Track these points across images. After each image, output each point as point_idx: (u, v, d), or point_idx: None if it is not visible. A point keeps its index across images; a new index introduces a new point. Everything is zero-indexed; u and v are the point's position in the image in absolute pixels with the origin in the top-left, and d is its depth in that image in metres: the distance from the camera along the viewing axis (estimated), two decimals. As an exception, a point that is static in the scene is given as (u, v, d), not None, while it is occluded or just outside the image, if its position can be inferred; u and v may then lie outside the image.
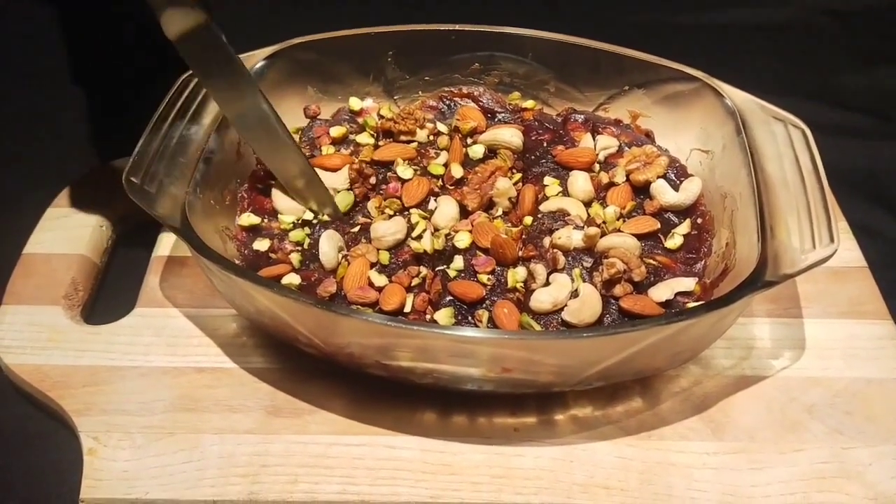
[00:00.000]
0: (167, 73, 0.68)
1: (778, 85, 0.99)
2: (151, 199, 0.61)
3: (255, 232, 0.69)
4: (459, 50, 0.78)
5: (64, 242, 0.75)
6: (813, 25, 1.11)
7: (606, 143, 0.74)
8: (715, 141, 0.71)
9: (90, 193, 0.79)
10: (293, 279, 0.64)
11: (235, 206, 0.70)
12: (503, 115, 0.79)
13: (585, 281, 0.63)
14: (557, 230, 0.65)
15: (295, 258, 0.66)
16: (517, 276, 0.63)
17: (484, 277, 0.63)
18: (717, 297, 0.57)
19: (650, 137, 0.76)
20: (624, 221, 0.68)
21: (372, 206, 0.69)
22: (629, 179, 0.71)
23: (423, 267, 0.64)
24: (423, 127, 0.75)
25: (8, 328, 0.68)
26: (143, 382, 0.64)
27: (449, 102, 0.80)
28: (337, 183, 0.70)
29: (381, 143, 0.75)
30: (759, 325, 0.69)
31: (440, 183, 0.71)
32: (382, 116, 0.77)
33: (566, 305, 0.61)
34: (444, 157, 0.73)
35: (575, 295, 0.61)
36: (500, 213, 0.68)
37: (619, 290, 0.62)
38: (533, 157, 0.74)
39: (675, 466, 0.60)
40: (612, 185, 0.71)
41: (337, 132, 0.74)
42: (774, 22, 1.12)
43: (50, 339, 0.67)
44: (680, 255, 0.67)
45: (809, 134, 0.66)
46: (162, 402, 0.63)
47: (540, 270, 0.63)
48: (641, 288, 0.63)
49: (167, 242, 0.75)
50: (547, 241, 0.65)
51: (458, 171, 0.71)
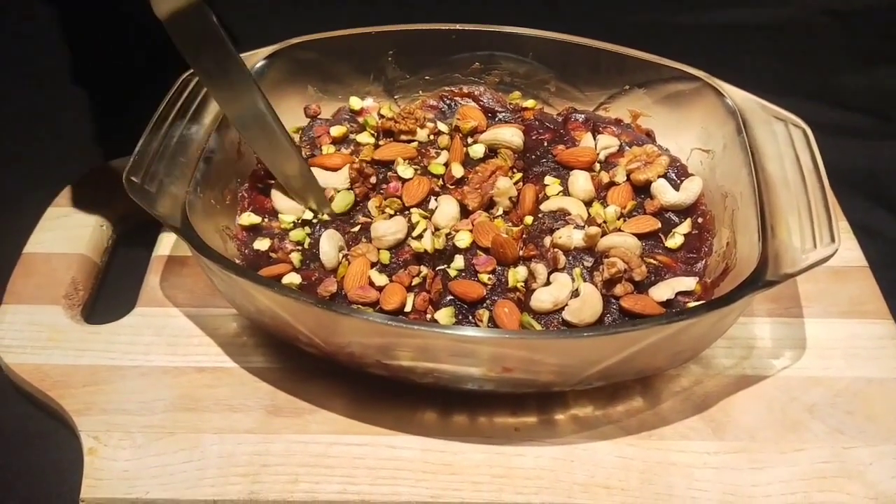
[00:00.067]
0: (167, 73, 0.68)
1: (778, 85, 0.99)
2: (152, 198, 0.61)
3: (255, 231, 0.69)
4: (460, 49, 0.78)
5: (64, 242, 0.74)
6: (813, 25, 1.11)
7: (607, 142, 0.74)
8: (716, 140, 0.71)
9: (90, 193, 0.79)
10: (294, 279, 0.64)
11: (236, 205, 0.70)
12: (504, 114, 0.78)
13: (586, 280, 0.63)
14: (558, 230, 0.65)
15: (295, 258, 0.66)
16: (518, 275, 0.63)
17: (484, 277, 0.63)
18: (717, 296, 0.57)
19: (651, 137, 0.76)
20: (624, 221, 0.68)
21: (372, 205, 0.69)
22: (630, 179, 0.70)
23: (423, 266, 0.64)
24: (423, 126, 0.75)
25: (8, 328, 0.68)
26: (143, 382, 0.64)
27: (449, 102, 0.80)
28: (337, 182, 0.70)
29: (381, 142, 0.75)
30: (759, 324, 0.69)
31: (441, 182, 0.71)
32: (383, 116, 0.77)
33: (567, 305, 0.61)
34: (444, 156, 0.73)
35: (575, 294, 0.61)
36: (500, 212, 0.68)
37: (619, 289, 0.62)
38: (533, 156, 0.74)
39: (675, 466, 0.60)
40: (612, 184, 0.71)
41: (337, 132, 0.74)
42: (774, 22, 1.11)
43: (50, 338, 0.67)
44: (680, 254, 0.67)
45: (810, 133, 0.66)
46: (162, 401, 0.63)
47: (541, 270, 0.63)
48: (642, 287, 0.63)
49: (167, 242, 0.75)
50: (547, 240, 0.65)
51: (458, 170, 0.71)
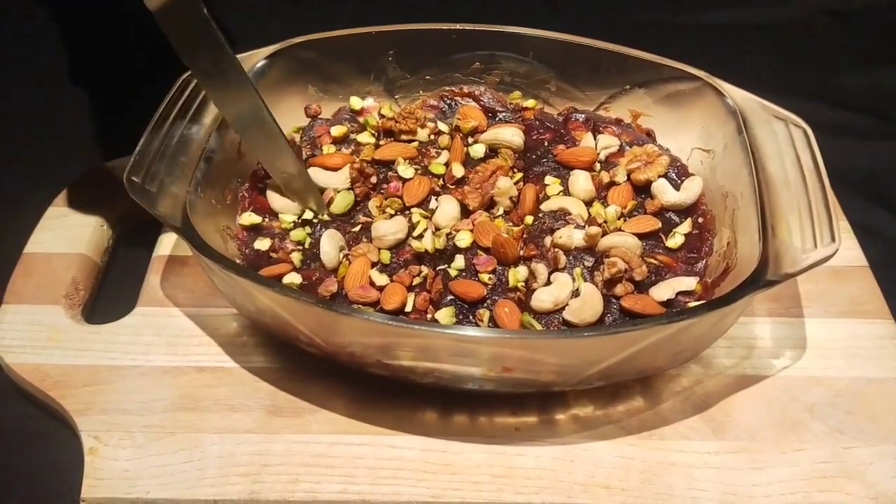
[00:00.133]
0: (167, 73, 0.68)
1: (778, 85, 0.99)
2: (152, 198, 0.60)
3: (256, 231, 0.69)
4: (460, 49, 0.78)
5: (64, 242, 0.74)
6: (813, 25, 1.11)
7: (607, 142, 0.74)
8: (716, 140, 0.71)
9: (90, 193, 0.79)
10: (294, 278, 0.64)
11: (236, 205, 0.70)
12: (504, 114, 0.78)
13: (586, 280, 0.63)
14: (558, 229, 0.65)
15: (296, 257, 0.66)
16: (518, 275, 0.63)
17: (485, 277, 0.63)
18: (718, 296, 0.57)
19: (651, 137, 0.76)
20: (625, 221, 0.68)
21: (373, 205, 0.69)
22: (630, 179, 0.70)
23: (424, 266, 0.64)
24: (423, 126, 0.75)
25: (8, 327, 0.68)
26: (143, 382, 0.64)
27: (450, 102, 0.80)
28: (338, 182, 0.70)
29: (381, 142, 0.75)
30: (760, 324, 0.69)
31: (441, 182, 0.71)
32: (383, 116, 0.77)
33: (567, 305, 0.61)
34: (445, 156, 0.73)
35: (576, 294, 0.61)
36: (501, 212, 0.68)
37: (620, 289, 0.62)
38: (534, 156, 0.74)
39: (675, 466, 0.60)
40: (613, 184, 0.71)
41: (338, 131, 0.74)
42: (774, 22, 1.11)
43: (50, 338, 0.67)
44: (681, 254, 0.67)
45: (811, 133, 0.66)
46: (162, 401, 0.63)
47: (541, 270, 0.63)
48: (642, 287, 0.63)
49: (168, 242, 0.75)
50: (548, 240, 0.65)
51: (459, 170, 0.71)
